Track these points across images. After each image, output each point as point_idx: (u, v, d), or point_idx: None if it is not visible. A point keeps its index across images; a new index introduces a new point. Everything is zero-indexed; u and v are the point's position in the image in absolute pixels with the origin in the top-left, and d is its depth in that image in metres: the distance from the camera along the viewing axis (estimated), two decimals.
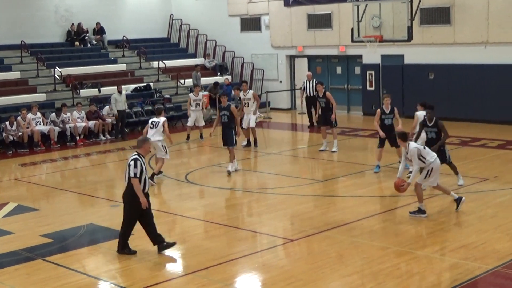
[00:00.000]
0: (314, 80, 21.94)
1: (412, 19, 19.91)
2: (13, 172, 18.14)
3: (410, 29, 19.80)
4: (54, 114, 21.65)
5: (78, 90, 24.24)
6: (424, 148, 11.71)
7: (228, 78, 27.09)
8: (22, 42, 25.79)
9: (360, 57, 25.15)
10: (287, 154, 19.07)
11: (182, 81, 26.73)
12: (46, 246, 10.99)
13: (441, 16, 22.56)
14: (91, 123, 22.03)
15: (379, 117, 15.30)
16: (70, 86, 24.24)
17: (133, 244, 10.38)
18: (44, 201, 14.64)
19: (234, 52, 29.04)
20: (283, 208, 12.88)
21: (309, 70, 26.27)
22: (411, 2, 19.66)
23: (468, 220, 11.44)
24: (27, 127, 20.64)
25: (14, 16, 26.47)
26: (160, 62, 27.42)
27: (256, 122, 19.36)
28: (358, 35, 20.82)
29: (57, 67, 24.77)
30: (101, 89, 24.63)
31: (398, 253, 9.94)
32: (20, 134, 20.45)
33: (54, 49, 27.21)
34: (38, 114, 21.33)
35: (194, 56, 29.98)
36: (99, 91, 24.56)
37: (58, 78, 24.57)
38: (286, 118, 26.27)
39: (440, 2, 22.50)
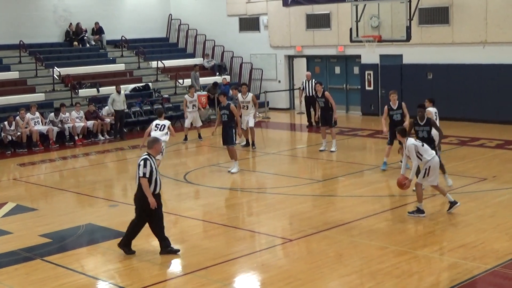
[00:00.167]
0: (313, 80, 21.97)
1: (410, 19, 19.89)
2: (11, 172, 18.14)
3: (408, 29, 19.79)
4: (52, 114, 21.65)
5: (76, 90, 24.24)
6: (422, 145, 11.65)
7: (226, 78, 27.08)
8: (21, 42, 25.77)
9: (358, 57, 25.16)
10: (286, 154, 19.06)
11: (180, 81, 26.71)
12: (45, 246, 10.98)
13: (439, 16, 22.57)
14: (90, 123, 22.02)
15: (387, 113, 15.31)
16: (69, 86, 24.21)
17: (133, 243, 10.36)
18: (42, 201, 14.62)
19: (233, 52, 29.04)
20: (282, 208, 12.87)
21: (307, 70, 26.26)
22: (410, 2, 19.64)
23: (466, 219, 11.44)
24: (26, 127, 20.62)
25: (12, 16, 26.45)
26: (158, 62, 27.40)
27: (255, 122, 19.35)
28: (357, 35, 20.82)
29: (55, 67, 24.75)
30: (99, 89, 24.62)
31: (397, 252, 9.94)
32: (18, 134, 20.43)
33: (52, 49, 27.21)
34: (37, 114, 21.32)
35: (192, 56, 29.97)
36: (98, 91, 24.55)
37: (57, 78, 24.55)
38: (284, 118, 26.27)
39: (438, 2, 22.51)
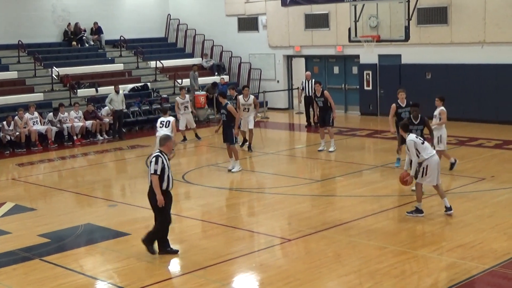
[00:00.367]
0: (313, 80, 21.96)
1: (409, 19, 19.90)
2: (10, 172, 18.13)
3: (407, 29, 19.80)
4: (51, 114, 21.64)
5: (75, 90, 24.22)
6: (422, 143, 11.48)
7: (224, 78, 27.08)
8: (20, 42, 25.75)
9: (357, 57, 25.16)
10: (285, 154, 19.06)
11: (179, 81, 26.69)
12: (44, 246, 10.98)
13: (438, 16, 22.58)
14: (89, 123, 22.01)
15: (395, 111, 15.19)
16: (68, 86, 24.20)
17: (132, 243, 10.40)
18: (41, 201, 14.61)
19: (232, 52, 29.03)
20: (281, 207, 12.88)
21: (306, 70, 26.26)
22: (408, 2, 19.65)
23: (465, 219, 11.44)
24: (25, 127, 20.61)
25: (11, 16, 26.43)
26: (157, 62, 27.38)
27: (254, 123, 19.29)
28: (356, 35, 20.82)
29: (54, 67, 24.72)
30: (98, 89, 24.62)
31: (396, 252, 9.95)
32: (17, 134, 20.42)
33: (51, 49, 27.19)
34: (36, 114, 21.31)
35: (191, 56, 29.96)
36: (97, 91, 24.54)
37: (56, 78, 24.54)
38: (283, 118, 26.27)
39: (437, 2, 22.52)
